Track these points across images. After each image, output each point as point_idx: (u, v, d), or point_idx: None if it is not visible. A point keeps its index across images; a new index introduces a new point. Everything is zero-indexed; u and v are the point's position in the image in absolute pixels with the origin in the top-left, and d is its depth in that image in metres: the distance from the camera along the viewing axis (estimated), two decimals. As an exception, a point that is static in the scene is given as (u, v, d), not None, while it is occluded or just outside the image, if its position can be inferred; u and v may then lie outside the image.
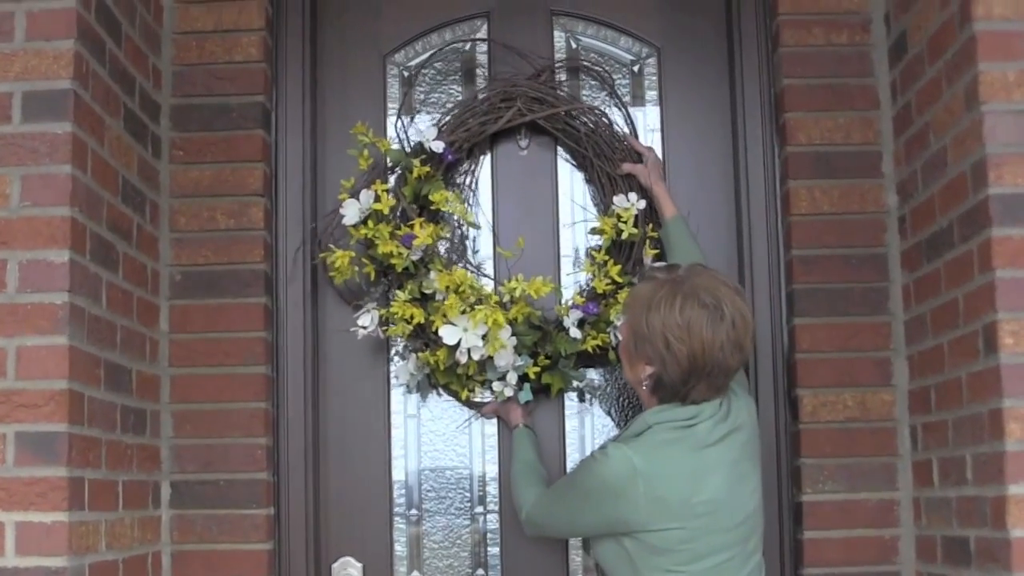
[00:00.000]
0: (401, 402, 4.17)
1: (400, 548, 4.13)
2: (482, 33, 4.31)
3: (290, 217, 4.12)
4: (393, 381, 4.16)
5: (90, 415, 3.32)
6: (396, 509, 4.14)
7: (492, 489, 4.14)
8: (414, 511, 4.15)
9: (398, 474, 4.16)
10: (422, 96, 4.30)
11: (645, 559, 3.23)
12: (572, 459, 4.13)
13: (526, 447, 3.90)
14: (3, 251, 3.20)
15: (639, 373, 3.34)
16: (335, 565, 4.09)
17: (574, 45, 4.29)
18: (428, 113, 4.27)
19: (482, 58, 4.31)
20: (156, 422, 3.90)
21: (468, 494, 4.16)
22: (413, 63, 4.32)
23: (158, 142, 3.99)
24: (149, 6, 3.92)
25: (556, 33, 4.29)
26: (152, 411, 3.86)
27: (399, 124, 4.20)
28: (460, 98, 4.28)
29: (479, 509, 4.14)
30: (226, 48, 4.07)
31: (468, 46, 4.31)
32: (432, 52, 4.31)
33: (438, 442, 4.17)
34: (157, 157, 3.97)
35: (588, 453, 4.07)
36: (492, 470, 4.14)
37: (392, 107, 4.27)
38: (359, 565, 4.09)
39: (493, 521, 4.13)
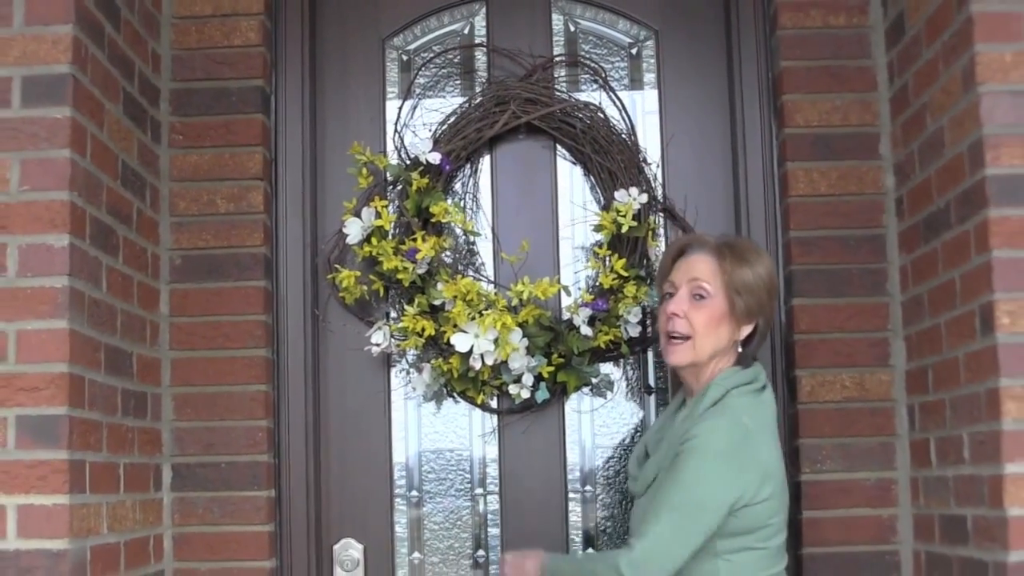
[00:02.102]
0: (401, 383, 4.15)
1: (401, 529, 4.13)
2: (480, 17, 4.29)
3: (290, 201, 4.11)
4: (394, 365, 4.15)
5: (91, 398, 3.31)
6: (397, 491, 4.14)
7: (492, 471, 4.13)
8: (415, 492, 4.15)
9: (399, 456, 4.16)
10: (422, 80, 4.28)
11: (730, 539, 3.21)
12: (572, 460, 4.15)
13: (563, 557, 3.84)
14: (3, 235, 3.19)
15: (734, 334, 3.38)
16: (336, 546, 4.09)
17: (572, 28, 4.28)
18: (428, 98, 4.26)
19: (481, 40, 4.29)
20: (157, 405, 3.89)
21: (468, 476, 4.15)
22: (412, 47, 4.30)
23: (158, 126, 3.97)
24: (148, -9, 3.91)
25: (555, 16, 4.28)
26: (153, 394, 3.86)
27: (397, 138, 4.19)
28: (458, 82, 4.27)
29: (479, 491, 4.14)
30: (225, 32, 4.06)
31: (467, 29, 4.29)
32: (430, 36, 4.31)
33: (438, 424, 4.16)
34: (157, 141, 3.96)
35: (586, 457, 4.10)
36: (492, 452, 4.14)
37: (391, 91, 4.27)
38: (360, 546, 4.09)
39: (493, 502, 4.13)
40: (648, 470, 3.36)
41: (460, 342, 3.84)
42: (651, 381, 4.05)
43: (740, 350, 3.42)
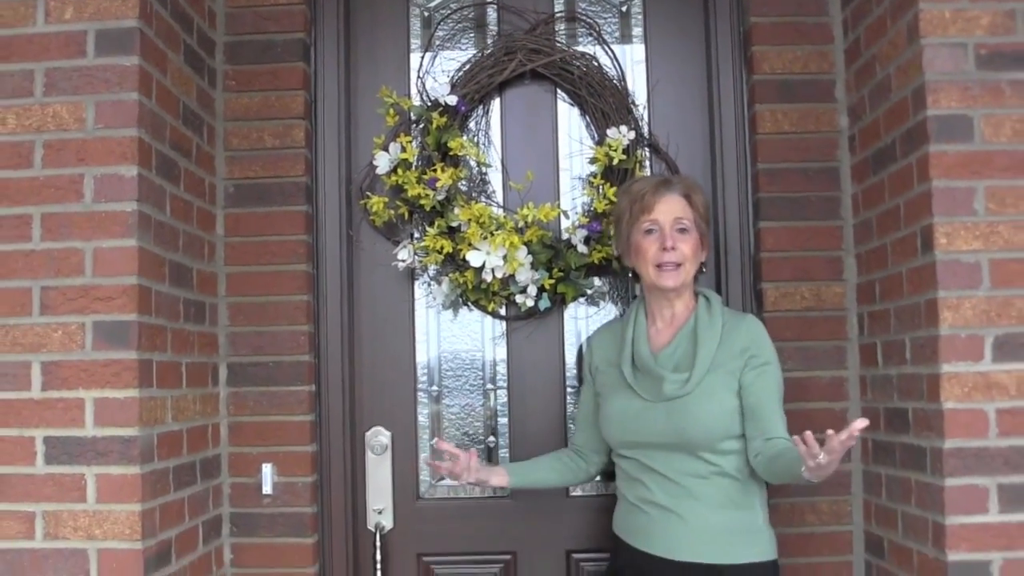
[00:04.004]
0: (423, 294, 4.15)
1: (423, 419, 4.14)
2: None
3: (327, 137, 4.09)
4: (417, 278, 4.15)
5: (157, 307, 3.32)
6: (419, 386, 4.14)
7: (501, 369, 4.14)
8: (435, 387, 4.15)
9: (421, 356, 4.15)
10: (441, 33, 4.24)
11: None
12: (569, 360, 4.15)
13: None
14: (81, 167, 3.19)
15: (702, 257, 3.50)
16: (368, 433, 4.09)
17: (570, -12, 4.24)
18: (446, 49, 4.22)
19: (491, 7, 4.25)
20: (214, 313, 3.90)
21: (481, 373, 4.15)
22: (432, 4, 4.26)
23: (213, 74, 3.95)
24: (204, -44, 3.88)
25: (555, -23, 4.24)
26: (210, 303, 3.86)
27: (419, 83, 4.17)
28: (472, 35, 4.23)
29: (490, 386, 4.14)
30: (271, -8, 4.04)
31: (479, -10, 4.26)
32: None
33: (455, 329, 4.16)
34: (212, 86, 3.94)
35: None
36: (501, 353, 4.14)
37: (415, 43, 4.23)
38: (388, 433, 4.09)
39: (503, 396, 4.13)
40: (696, 375, 3.34)
41: (474, 258, 3.87)
42: (637, 292, 4.03)
43: (704, 271, 3.54)
